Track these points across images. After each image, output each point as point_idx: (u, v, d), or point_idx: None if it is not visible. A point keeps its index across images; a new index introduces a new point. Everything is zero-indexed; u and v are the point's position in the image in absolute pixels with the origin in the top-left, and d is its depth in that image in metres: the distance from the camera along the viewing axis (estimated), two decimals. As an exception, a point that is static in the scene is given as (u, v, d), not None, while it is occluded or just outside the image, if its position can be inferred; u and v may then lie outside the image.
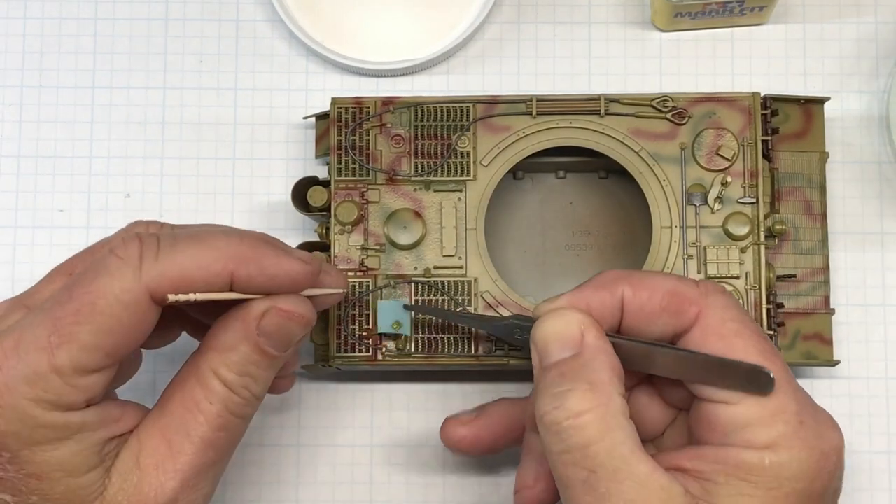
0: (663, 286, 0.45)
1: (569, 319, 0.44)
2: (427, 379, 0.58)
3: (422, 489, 0.57)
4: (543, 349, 0.45)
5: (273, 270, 0.44)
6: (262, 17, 0.60)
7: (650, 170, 0.54)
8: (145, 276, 0.42)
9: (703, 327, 0.44)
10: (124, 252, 0.42)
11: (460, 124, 0.55)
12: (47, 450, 0.42)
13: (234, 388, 0.44)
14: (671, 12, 0.58)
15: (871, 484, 0.57)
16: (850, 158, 0.59)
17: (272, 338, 0.44)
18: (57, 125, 0.60)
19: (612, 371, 0.44)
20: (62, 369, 0.41)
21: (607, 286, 0.46)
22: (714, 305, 0.45)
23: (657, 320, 0.45)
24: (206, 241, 0.43)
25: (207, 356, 0.44)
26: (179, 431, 0.44)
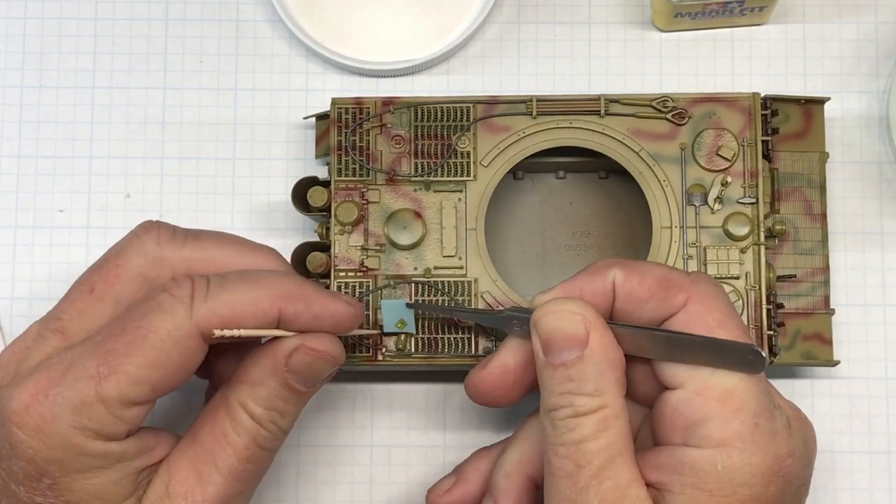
0: (654, 273, 0.46)
1: (574, 318, 0.45)
2: (427, 379, 0.58)
3: (422, 489, 0.57)
4: (548, 345, 0.45)
5: (318, 310, 0.46)
6: (262, 17, 0.60)
7: (650, 170, 0.54)
8: (196, 314, 0.43)
9: (689, 313, 0.45)
10: (177, 291, 0.44)
11: (460, 124, 0.55)
12: (88, 477, 0.43)
13: (262, 421, 0.46)
14: (671, 12, 0.58)
15: (871, 484, 0.57)
16: (850, 158, 0.59)
17: (300, 374, 0.46)
18: (57, 125, 0.60)
19: (616, 373, 0.45)
20: (109, 400, 0.42)
21: (599, 273, 0.47)
22: (702, 294, 0.46)
23: (646, 305, 0.46)
24: (256, 280, 0.45)
25: (237, 389, 0.46)
26: (208, 462, 0.45)
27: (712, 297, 0.46)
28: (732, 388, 0.44)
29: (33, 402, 0.43)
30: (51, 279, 0.58)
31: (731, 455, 0.43)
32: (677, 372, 0.45)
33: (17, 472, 0.43)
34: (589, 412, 0.44)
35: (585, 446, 0.44)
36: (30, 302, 0.58)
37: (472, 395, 0.49)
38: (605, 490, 0.43)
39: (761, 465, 0.43)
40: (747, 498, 0.43)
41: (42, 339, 0.46)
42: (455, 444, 0.57)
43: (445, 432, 0.57)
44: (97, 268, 0.47)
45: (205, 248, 0.48)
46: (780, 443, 0.44)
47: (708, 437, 0.44)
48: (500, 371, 0.48)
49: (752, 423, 0.44)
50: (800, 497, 0.46)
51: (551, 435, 0.44)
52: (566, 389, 0.44)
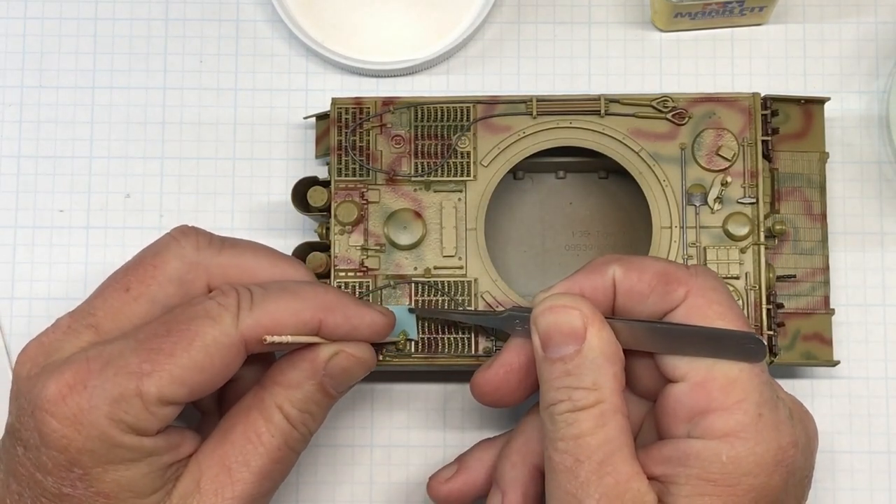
0: (653, 267, 0.47)
1: (572, 313, 0.45)
2: (427, 379, 0.58)
3: (422, 489, 0.57)
4: (547, 340, 0.46)
5: (356, 321, 0.48)
6: (262, 18, 0.60)
7: (650, 170, 0.54)
8: (242, 323, 0.45)
9: (689, 307, 0.46)
10: (224, 300, 0.45)
11: (460, 124, 0.55)
12: (119, 469, 0.44)
13: (295, 423, 0.47)
14: (671, 12, 0.58)
15: (871, 484, 0.57)
16: (850, 158, 0.59)
17: (336, 379, 0.48)
18: (57, 125, 0.60)
19: (614, 367, 0.45)
20: (148, 396, 0.43)
21: (599, 269, 0.47)
22: (702, 287, 0.46)
23: (646, 300, 0.46)
24: (297, 292, 0.47)
25: (273, 391, 0.47)
26: (239, 460, 0.46)
27: (712, 290, 0.46)
28: (734, 378, 0.44)
29: (70, 392, 0.43)
30: (51, 279, 0.58)
31: (736, 445, 0.44)
32: (679, 365, 0.45)
33: (45, 461, 0.44)
34: (587, 406, 0.44)
35: (584, 441, 0.44)
36: (30, 302, 0.58)
37: (478, 396, 0.50)
38: (606, 485, 0.43)
39: (765, 455, 0.44)
40: (751, 488, 0.43)
41: (74, 332, 0.46)
42: (455, 444, 0.57)
43: (445, 432, 0.58)
44: (133, 267, 0.48)
45: (240, 256, 0.49)
46: (784, 433, 0.44)
47: (712, 428, 0.44)
48: (504, 371, 0.49)
49: (755, 413, 0.44)
50: (803, 488, 0.46)
51: (550, 430, 0.45)
52: (564, 384, 0.45)
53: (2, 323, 0.58)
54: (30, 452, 0.44)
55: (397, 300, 0.53)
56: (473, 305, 0.53)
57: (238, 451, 0.46)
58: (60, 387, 0.43)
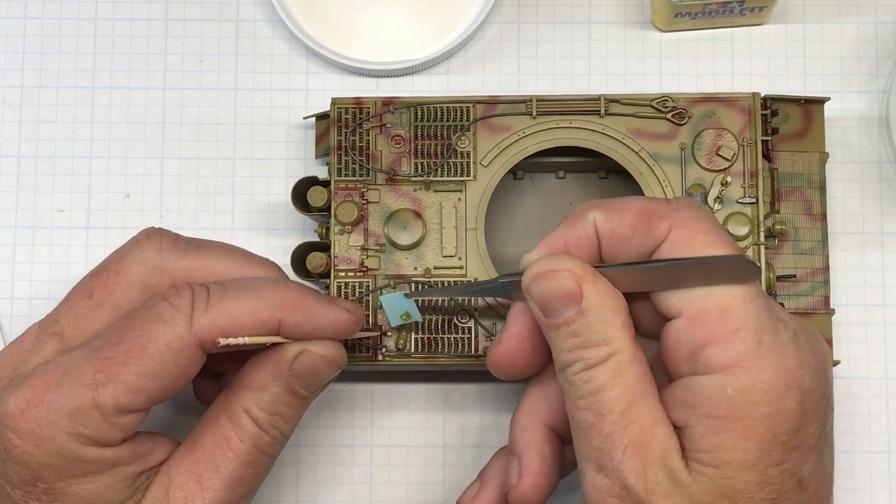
0: (633, 207, 0.45)
1: (562, 276, 0.44)
2: (427, 379, 0.58)
3: (422, 489, 0.57)
4: (545, 308, 0.45)
5: (319, 320, 0.46)
6: (262, 17, 0.60)
7: (650, 170, 0.54)
8: (196, 324, 0.44)
9: (674, 241, 0.44)
10: (177, 301, 0.44)
11: (460, 124, 0.55)
12: (82, 482, 0.43)
13: (265, 426, 0.46)
14: (671, 12, 0.58)
15: (871, 484, 0.57)
16: (850, 158, 0.59)
17: (303, 379, 0.46)
18: (57, 125, 0.60)
19: (620, 317, 0.44)
20: (104, 407, 0.42)
21: (579, 218, 0.46)
22: (685, 218, 0.45)
23: (630, 241, 0.45)
24: (255, 290, 0.45)
25: (240, 394, 0.46)
26: (209, 467, 0.45)
27: (695, 220, 0.45)
28: (728, 306, 0.43)
29: (28, 406, 0.43)
30: (51, 279, 0.58)
31: (739, 376, 0.42)
32: (673, 299, 0.44)
33: (12, 475, 0.43)
34: (600, 362, 0.43)
35: (604, 395, 0.43)
36: (30, 302, 0.58)
37: (498, 372, 0.48)
38: (632, 433, 0.42)
39: (773, 380, 0.42)
40: (764, 416, 0.42)
41: (40, 342, 0.46)
42: (455, 444, 0.57)
43: (445, 432, 0.57)
44: (97, 273, 0.47)
45: (206, 258, 0.48)
46: (788, 355, 0.42)
47: (712, 362, 0.42)
48: (517, 341, 0.47)
49: (754, 339, 0.42)
50: (823, 409, 0.44)
51: (569, 391, 0.44)
52: (573, 345, 0.44)
53: (2, 323, 0.58)
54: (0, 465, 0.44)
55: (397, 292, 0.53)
56: (473, 305, 0.53)
57: (207, 457, 0.45)
58: (19, 402, 0.43)
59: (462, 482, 0.57)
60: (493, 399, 0.57)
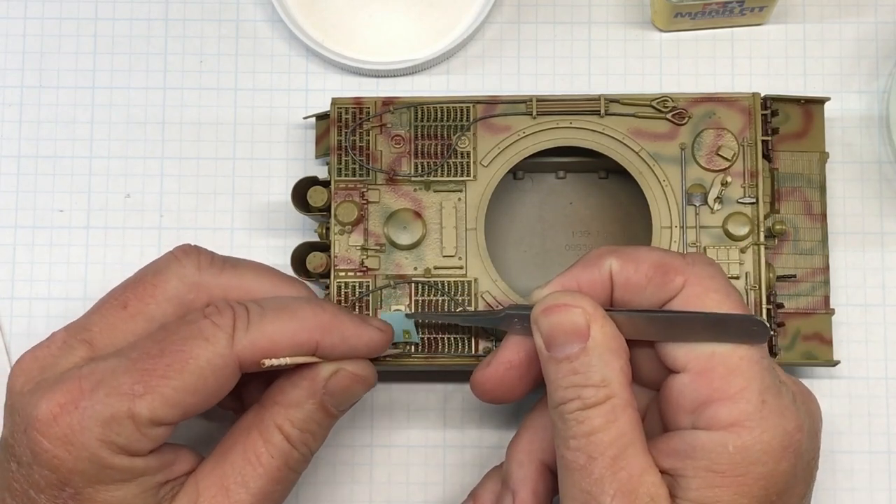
0: (649, 258, 0.46)
1: (573, 311, 0.45)
2: (427, 379, 0.58)
3: (422, 489, 0.57)
4: (550, 340, 0.45)
5: (354, 341, 0.47)
6: (262, 17, 0.60)
7: (650, 170, 0.54)
8: (237, 344, 0.44)
9: (687, 296, 0.45)
10: (220, 320, 0.45)
11: (460, 124, 0.55)
12: (110, 490, 0.43)
13: (296, 443, 0.46)
14: (671, 12, 0.58)
15: (870, 484, 0.57)
16: (850, 158, 0.59)
17: (336, 397, 0.47)
18: (57, 125, 0.60)
19: (620, 361, 0.45)
20: (139, 418, 0.43)
21: (595, 262, 0.47)
22: (699, 275, 0.46)
23: (644, 291, 0.46)
24: (294, 311, 0.46)
25: (273, 411, 0.47)
26: (238, 481, 0.45)
27: (709, 278, 0.46)
28: (735, 366, 0.44)
29: (62, 412, 0.43)
30: (51, 279, 0.58)
31: (742, 435, 0.43)
32: (679, 353, 0.45)
33: (38, 479, 0.43)
34: (597, 403, 0.44)
35: (597, 438, 0.43)
36: (30, 302, 0.58)
37: (479, 394, 0.49)
38: (621, 480, 0.43)
39: (772, 441, 0.43)
40: (760, 475, 0.43)
41: (69, 347, 0.46)
42: (455, 444, 0.57)
43: (445, 432, 0.57)
44: (132, 284, 0.48)
45: (242, 277, 0.48)
46: (789, 418, 0.44)
47: (716, 419, 0.44)
48: (504, 368, 0.49)
49: (759, 400, 0.44)
50: (810, 471, 0.46)
51: (561, 429, 0.44)
52: (572, 382, 0.44)
53: (2, 323, 0.58)
54: (23, 469, 0.44)
55: (397, 300, 0.53)
56: (474, 305, 0.53)
57: (237, 471, 0.46)
58: (52, 406, 0.43)
59: (462, 482, 0.57)
60: (493, 399, 0.58)
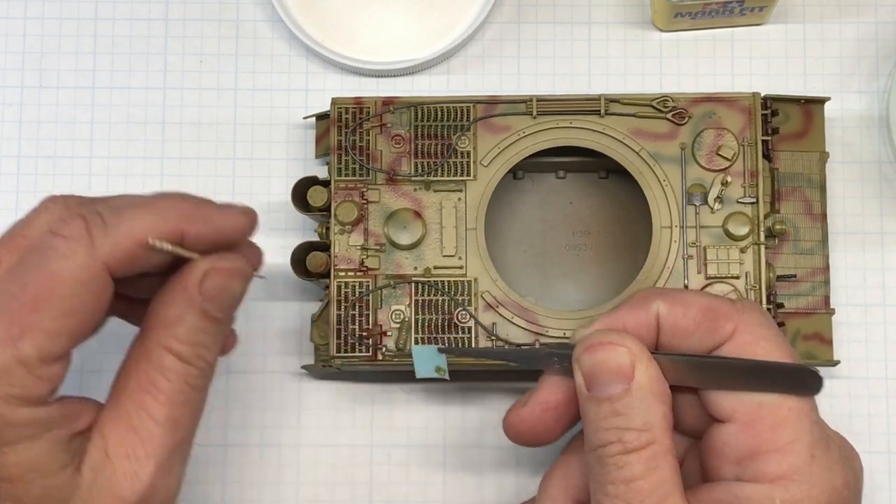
0: (698, 302, 0.45)
1: (619, 350, 0.44)
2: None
3: (422, 489, 0.57)
4: (592, 379, 0.44)
5: (220, 224, 0.44)
6: (262, 17, 0.60)
7: (650, 170, 0.54)
8: (99, 250, 0.41)
9: (737, 344, 0.44)
10: (70, 231, 0.42)
11: (460, 124, 0.55)
12: (18, 450, 0.41)
13: (189, 359, 0.44)
14: (671, 12, 0.58)
15: (871, 484, 0.57)
16: (850, 158, 0.59)
17: (216, 300, 0.44)
18: (57, 125, 0.60)
19: (664, 406, 0.43)
20: (28, 360, 0.40)
21: (642, 305, 0.45)
22: (750, 322, 0.44)
23: (692, 336, 0.45)
24: (152, 204, 0.43)
25: (155, 334, 0.44)
26: (142, 416, 0.43)
27: (760, 326, 0.44)
28: (784, 418, 0.43)
29: None
30: (51, 279, 0.58)
31: (790, 489, 0.42)
32: (725, 402, 0.44)
33: None
34: (638, 448, 0.42)
35: (636, 485, 0.42)
36: None
37: (512, 435, 0.48)
38: None
39: (820, 497, 0.42)
40: None
41: None
42: (455, 444, 0.57)
43: (445, 432, 0.57)
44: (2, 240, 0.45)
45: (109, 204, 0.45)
46: (837, 474, 0.43)
47: (763, 472, 0.42)
48: (540, 409, 0.47)
49: (808, 454, 0.42)
50: None
51: (599, 473, 0.43)
52: (613, 425, 0.43)
53: (2, 323, 0.58)
54: None
55: (397, 300, 0.53)
56: (473, 305, 0.53)
57: (137, 406, 0.43)
58: None
59: (462, 482, 0.57)
60: (493, 399, 0.57)
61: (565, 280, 0.57)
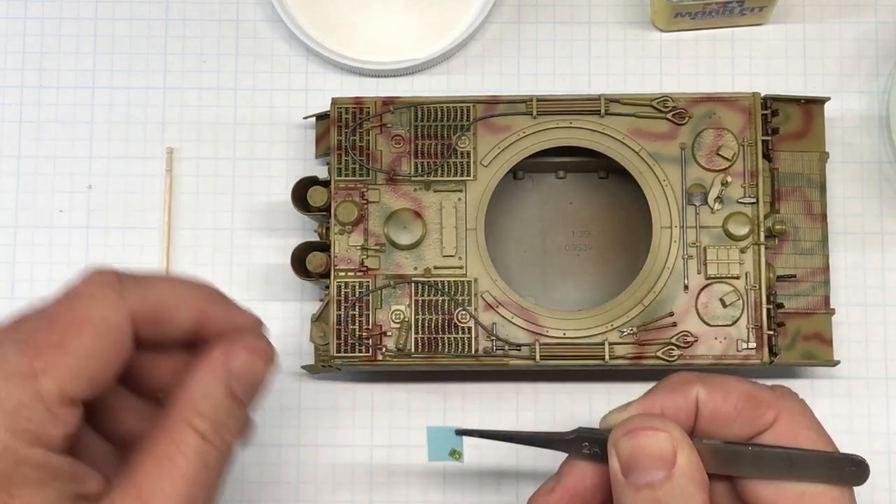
0: (738, 388, 0.44)
1: (660, 436, 0.43)
2: (427, 379, 0.58)
3: (422, 489, 0.57)
4: (631, 466, 0.43)
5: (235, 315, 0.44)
6: (262, 17, 0.60)
7: (650, 170, 0.54)
8: (129, 299, 0.42)
9: (779, 432, 0.44)
10: (102, 279, 0.42)
11: (460, 124, 0.55)
12: (25, 495, 0.40)
13: (211, 438, 0.43)
14: (671, 12, 0.58)
15: (871, 484, 0.57)
16: (850, 158, 0.59)
17: (242, 378, 0.44)
18: (57, 125, 0.60)
19: (703, 494, 0.43)
20: (48, 396, 0.40)
21: (680, 389, 0.45)
22: (791, 411, 0.44)
23: (732, 423, 0.44)
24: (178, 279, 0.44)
25: (179, 409, 0.43)
26: (155, 492, 0.42)
27: (800, 414, 0.44)
28: None
29: None
30: (51, 279, 0.58)
31: None
32: (766, 492, 0.43)
33: None
34: None
35: None
36: (30, 302, 0.58)
37: None
38: None
39: None
40: None
41: None
42: (455, 444, 0.57)
43: (445, 432, 0.57)
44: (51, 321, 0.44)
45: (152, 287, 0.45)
46: None
47: None
48: (569, 496, 0.45)
49: None
50: None
51: None
52: None
53: (2, 323, 0.58)
54: None
55: (397, 300, 0.53)
56: (473, 305, 0.53)
57: (152, 482, 0.42)
58: None
59: (462, 483, 0.57)
60: (493, 399, 0.57)
61: (565, 280, 0.57)
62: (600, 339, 0.53)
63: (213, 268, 0.58)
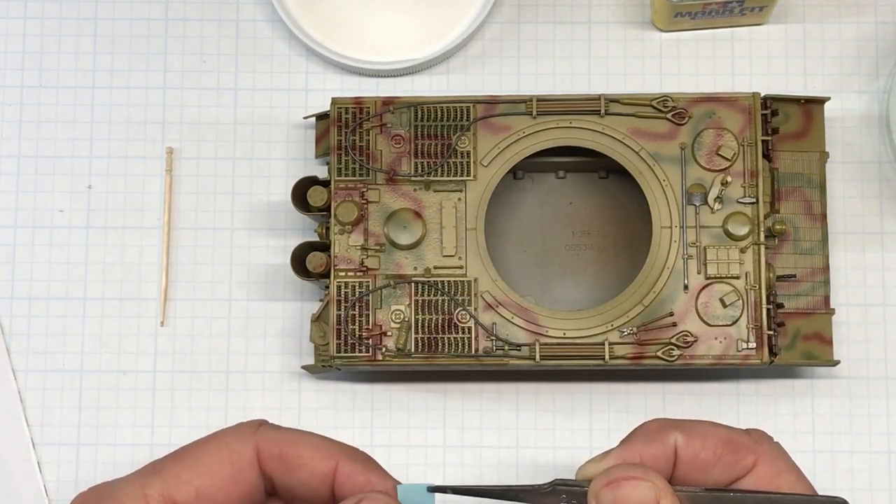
0: (715, 434, 0.44)
1: (642, 485, 0.42)
2: (427, 379, 0.58)
3: (422, 489, 0.57)
4: None
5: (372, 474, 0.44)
6: (262, 17, 0.60)
7: (650, 170, 0.54)
8: (260, 435, 0.43)
9: (758, 476, 0.43)
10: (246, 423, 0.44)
11: (460, 124, 0.55)
12: None
13: None
14: (671, 12, 0.58)
15: (871, 484, 0.57)
16: (850, 158, 0.59)
17: None
18: (57, 125, 0.60)
19: None
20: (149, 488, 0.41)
21: (657, 437, 0.44)
22: (770, 454, 0.44)
23: (712, 469, 0.44)
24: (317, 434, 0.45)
25: None
26: None
27: (779, 458, 0.44)
28: None
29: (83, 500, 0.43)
30: (51, 279, 0.58)
31: None
32: None
33: None
34: None
35: None
36: (30, 302, 0.58)
37: None
38: None
39: None
40: None
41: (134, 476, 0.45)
42: (455, 444, 0.57)
43: (445, 432, 0.57)
44: None
45: None
46: None
47: None
48: None
49: None
50: None
51: None
52: None
53: (2, 323, 0.58)
54: None
55: (397, 300, 0.53)
56: (473, 305, 0.53)
57: None
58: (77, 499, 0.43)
59: (462, 482, 0.57)
60: (493, 399, 0.57)
61: (565, 280, 0.57)
62: (600, 339, 0.53)
63: (213, 268, 0.58)
